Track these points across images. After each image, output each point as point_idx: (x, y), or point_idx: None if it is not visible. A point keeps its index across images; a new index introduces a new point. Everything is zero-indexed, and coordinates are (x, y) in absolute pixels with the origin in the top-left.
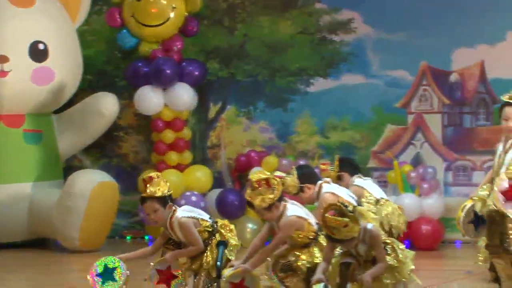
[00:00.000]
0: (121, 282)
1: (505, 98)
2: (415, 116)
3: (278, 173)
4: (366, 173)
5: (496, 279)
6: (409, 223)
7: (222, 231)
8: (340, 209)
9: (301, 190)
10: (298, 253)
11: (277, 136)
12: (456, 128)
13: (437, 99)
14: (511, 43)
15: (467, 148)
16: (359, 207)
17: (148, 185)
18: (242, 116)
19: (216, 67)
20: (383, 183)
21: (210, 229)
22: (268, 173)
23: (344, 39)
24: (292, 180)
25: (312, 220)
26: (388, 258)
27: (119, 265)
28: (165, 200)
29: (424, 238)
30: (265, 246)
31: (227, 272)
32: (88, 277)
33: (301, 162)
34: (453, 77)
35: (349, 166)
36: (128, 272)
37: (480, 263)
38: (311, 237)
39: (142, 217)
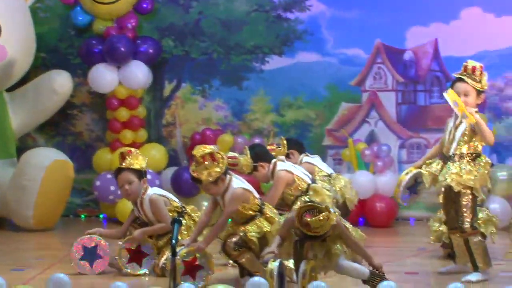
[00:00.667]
0: (114, 255)
1: (457, 74)
2: (370, 94)
3: (230, 154)
4: (321, 151)
5: (450, 255)
6: (363, 200)
7: (192, 214)
8: (312, 207)
9: (255, 169)
10: (245, 227)
11: (232, 114)
12: (410, 106)
13: (391, 77)
14: (464, 21)
15: (421, 126)
16: (313, 185)
17: (126, 158)
18: (197, 94)
19: (171, 45)
20: (337, 161)
21: (180, 210)
22: (212, 147)
23: (299, 17)
24: (245, 159)
25: (255, 192)
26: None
27: (97, 241)
28: (141, 174)
29: (378, 215)
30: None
31: (179, 250)
32: (73, 264)
33: (256, 140)
34: (407, 55)
35: (296, 145)
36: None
37: (432, 242)
38: (256, 209)
39: (96, 195)
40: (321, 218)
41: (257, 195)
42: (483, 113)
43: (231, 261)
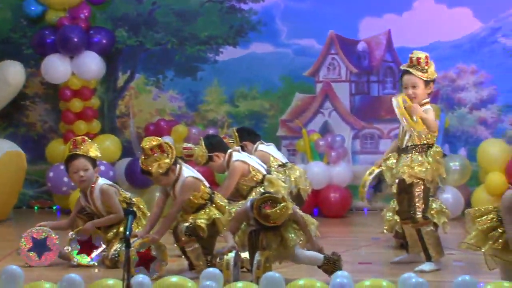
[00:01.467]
0: (64, 246)
1: (403, 66)
2: (323, 84)
3: (185, 145)
4: (275, 141)
5: (402, 245)
6: (317, 191)
7: (140, 205)
8: (269, 198)
9: (210, 159)
10: (195, 215)
11: (187, 105)
12: (363, 96)
13: (345, 67)
14: (417, 12)
15: (375, 116)
16: (268, 176)
17: (81, 145)
18: (151, 85)
19: (125, 35)
20: (292, 152)
21: (128, 201)
22: (160, 138)
23: (253, 8)
24: (200, 150)
25: (205, 181)
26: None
27: (47, 233)
28: (95, 163)
29: (332, 205)
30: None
31: (133, 242)
32: (21, 256)
33: (211, 131)
34: (361, 46)
35: (249, 135)
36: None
37: (385, 231)
38: (206, 198)
39: (49, 186)
40: (280, 209)
41: (207, 184)
42: (435, 104)
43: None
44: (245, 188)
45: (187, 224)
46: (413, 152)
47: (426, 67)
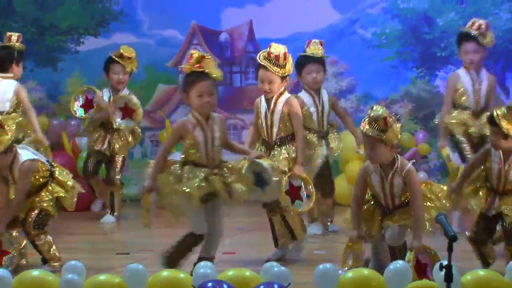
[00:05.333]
0: None
1: (261, 60)
2: None
3: None
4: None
5: (275, 239)
6: None
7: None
8: None
9: None
10: (39, 197)
11: (47, 96)
12: (226, 87)
13: None
14: (277, 4)
15: (237, 107)
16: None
17: None
18: None
19: None
20: (155, 143)
21: (47, 177)
22: None
23: None
24: None
25: (42, 157)
26: None
27: None
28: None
29: None
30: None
31: None
32: None
33: (73, 123)
34: (223, 37)
35: None
36: None
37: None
38: (46, 175)
39: None
40: None
41: (44, 160)
42: (297, 95)
43: None
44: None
45: (34, 216)
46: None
47: (284, 63)
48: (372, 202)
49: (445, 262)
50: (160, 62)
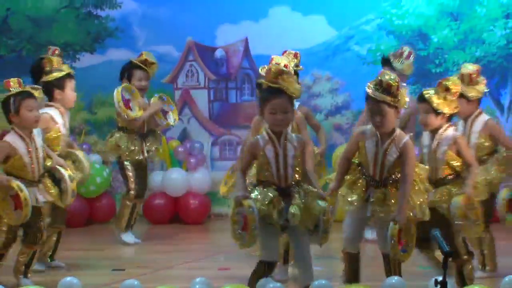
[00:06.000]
0: None
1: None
2: (182, 91)
3: None
4: None
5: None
6: (177, 198)
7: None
8: None
9: None
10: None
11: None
12: (222, 103)
13: (203, 74)
14: (272, 20)
15: (233, 123)
16: None
17: None
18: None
19: None
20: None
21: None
22: None
23: (110, 14)
24: None
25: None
26: None
27: None
28: None
29: (192, 212)
30: None
31: None
32: None
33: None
34: (219, 53)
35: None
36: None
37: None
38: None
39: None
40: None
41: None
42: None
43: None
44: None
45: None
46: None
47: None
48: (357, 173)
49: (439, 278)
50: (155, 78)
